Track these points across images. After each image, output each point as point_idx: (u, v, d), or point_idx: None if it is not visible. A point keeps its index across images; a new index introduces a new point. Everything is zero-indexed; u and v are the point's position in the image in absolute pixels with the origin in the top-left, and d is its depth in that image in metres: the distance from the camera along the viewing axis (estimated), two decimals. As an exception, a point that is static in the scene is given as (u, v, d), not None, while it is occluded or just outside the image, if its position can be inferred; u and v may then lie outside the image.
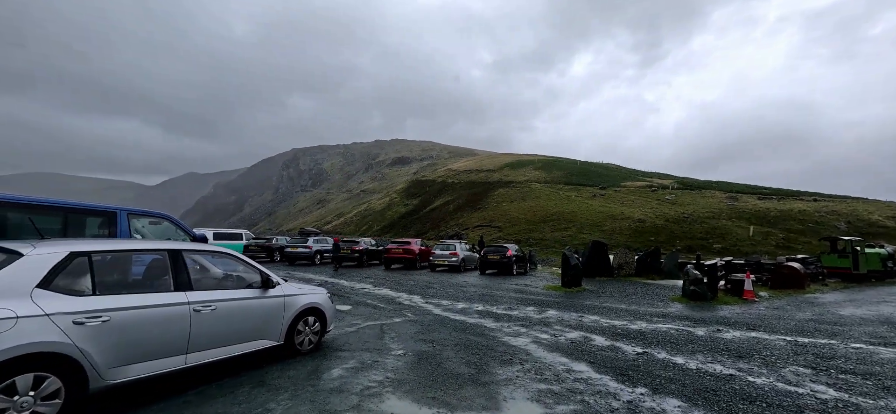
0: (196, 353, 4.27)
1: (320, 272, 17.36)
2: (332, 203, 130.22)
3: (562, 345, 6.35)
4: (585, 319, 8.48)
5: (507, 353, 5.82)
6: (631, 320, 8.34)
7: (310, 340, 5.62)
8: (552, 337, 6.86)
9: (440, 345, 6.16)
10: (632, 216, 49.31)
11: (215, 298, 4.48)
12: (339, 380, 4.55)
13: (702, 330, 7.59)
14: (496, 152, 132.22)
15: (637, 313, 9.18)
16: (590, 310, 9.53)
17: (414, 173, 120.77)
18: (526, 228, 51.25)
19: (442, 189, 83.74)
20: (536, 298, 11.11)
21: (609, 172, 77.24)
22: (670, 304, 10.56)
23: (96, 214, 6.06)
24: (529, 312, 9.07)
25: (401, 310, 9.10)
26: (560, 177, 72.98)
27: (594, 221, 50.03)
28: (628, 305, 10.24)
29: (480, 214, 61.16)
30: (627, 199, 58.16)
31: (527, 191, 66.91)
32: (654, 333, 7.28)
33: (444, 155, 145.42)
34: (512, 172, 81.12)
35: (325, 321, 5.85)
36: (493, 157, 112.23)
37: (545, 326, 7.66)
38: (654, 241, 41.54)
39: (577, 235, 46.46)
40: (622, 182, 66.56)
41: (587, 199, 59.92)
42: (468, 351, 5.85)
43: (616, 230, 46.14)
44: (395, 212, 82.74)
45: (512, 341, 6.51)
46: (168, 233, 6.99)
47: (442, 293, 11.76)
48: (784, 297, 12.23)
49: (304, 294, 5.57)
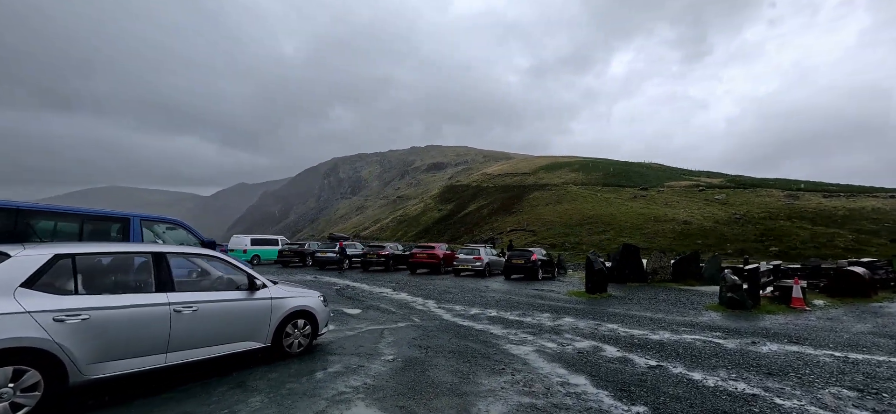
0: (177, 352, 4.36)
1: (343, 275, 17.62)
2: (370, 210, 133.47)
3: (566, 355, 5.90)
4: (602, 327, 7.90)
5: (502, 362, 5.48)
6: (653, 330, 7.66)
7: (300, 343, 5.60)
8: (559, 346, 6.42)
9: (434, 351, 5.93)
10: (676, 218, 46.45)
11: (197, 299, 4.55)
12: (315, 384, 4.47)
13: (733, 342, 6.80)
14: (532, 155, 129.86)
15: (662, 322, 8.43)
16: (610, 318, 8.89)
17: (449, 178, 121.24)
18: (561, 231, 49.72)
19: (476, 193, 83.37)
20: (555, 305, 10.55)
21: (651, 172, 73.39)
22: (704, 312, 9.63)
23: (112, 220, 6.42)
24: (543, 319, 8.61)
25: (410, 314, 8.96)
26: (598, 178, 70.34)
27: (634, 223, 47.63)
28: (654, 314, 9.46)
29: (514, 218, 60.14)
30: (671, 199, 54.91)
31: (563, 193, 65.05)
32: (675, 344, 6.61)
33: (478, 159, 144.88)
34: (547, 175, 79.25)
35: (317, 324, 5.80)
36: (528, 159, 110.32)
37: (555, 335, 7.20)
38: (702, 244, 38.84)
39: (615, 238, 44.39)
40: (666, 182, 62.99)
41: (627, 200, 57.22)
42: (461, 359, 5.57)
43: (658, 233, 43.64)
44: (430, 217, 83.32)
45: (513, 349, 6.14)
46: (180, 238, 7.29)
47: (459, 298, 11.49)
48: (842, 306, 10.81)
49: (293, 297, 5.56)
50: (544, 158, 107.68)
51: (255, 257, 24.84)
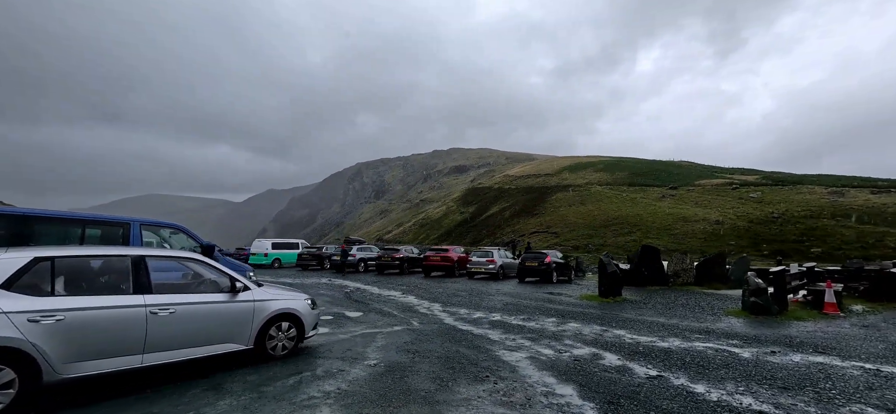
0: (153, 353, 4.40)
1: (355, 278, 17.67)
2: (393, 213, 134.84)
3: (561, 362, 5.59)
4: (608, 333, 7.49)
5: (489, 369, 5.24)
6: (663, 337, 7.18)
7: (284, 346, 5.57)
8: (556, 353, 6.10)
9: (422, 356, 5.75)
10: (707, 218, 44.37)
11: (174, 301, 4.59)
12: (288, 388, 4.40)
13: (749, 351, 6.26)
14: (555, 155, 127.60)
15: (674, 329, 7.91)
16: (619, 323, 8.44)
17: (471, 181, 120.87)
18: (585, 233, 48.47)
19: (498, 195, 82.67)
20: (564, 309, 10.15)
21: (681, 171, 70.49)
22: (723, 318, 8.98)
23: (112, 226, 6.63)
24: (547, 324, 8.27)
25: (411, 318, 8.82)
26: (624, 178, 68.25)
27: (662, 224, 45.84)
28: (668, 319, 8.91)
29: (537, 220, 59.17)
30: (702, 198, 52.53)
31: (586, 194, 63.50)
32: (684, 352, 6.15)
33: (501, 161, 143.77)
34: (571, 175, 77.63)
35: (303, 327, 5.76)
36: (551, 160, 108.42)
37: (555, 340, 6.88)
38: (735, 245, 36.90)
39: (642, 239, 42.81)
40: (696, 180, 60.33)
41: (654, 200, 55.19)
42: (446, 364, 5.37)
43: (688, 234, 41.81)
44: (452, 220, 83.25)
45: (505, 355, 5.89)
46: (182, 242, 7.45)
47: (465, 302, 11.26)
48: (883, 312, 9.83)
49: (277, 299, 5.54)
50: (568, 159, 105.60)
51: (276, 261, 25.46)
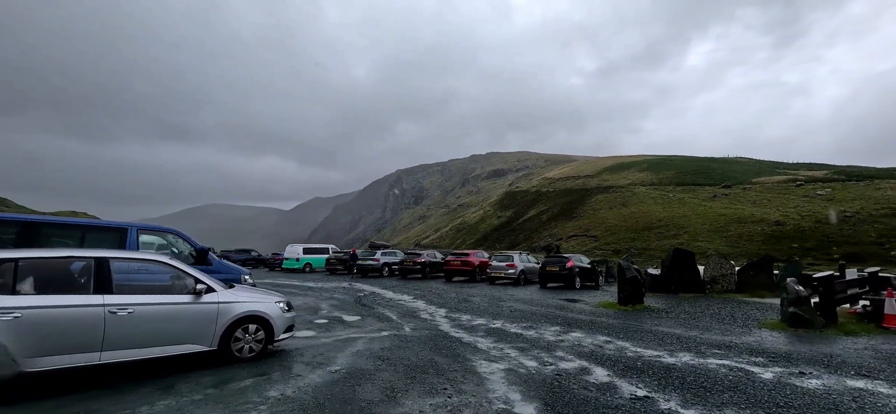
0: (111, 351, 4.52)
1: (378, 282, 17.69)
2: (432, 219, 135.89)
3: (538, 377, 5.06)
4: (611, 345, 6.77)
5: (453, 380, 4.84)
6: (672, 351, 6.36)
7: (251, 348, 5.52)
8: (539, 365, 5.56)
9: (389, 364, 5.46)
10: (766, 218, 40.50)
11: (134, 301, 4.68)
12: (234, 391, 4.33)
13: (772, 371, 5.34)
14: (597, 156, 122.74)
15: (691, 342, 7.01)
16: (628, 334, 7.63)
17: (509, 184, 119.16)
18: (626, 236, 45.96)
19: (536, 199, 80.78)
20: (575, 317, 9.41)
21: (736, 168, 64.99)
22: (755, 331, 7.84)
23: (110, 231, 6.96)
24: (548, 333, 7.66)
25: (406, 323, 8.54)
26: (670, 177, 64.11)
27: (713, 226, 42.44)
28: (687, 330, 7.94)
29: (575, 223, 57.04)
30: (761, 197, 48.10)
31: (628, 195, 60.34)
32: (690, 370, 5.36)
33: (540, 164, 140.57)
34: (612, 176, 74.16)
35: (272, 330, 5.67)
36: (591, 161, 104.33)
37: (546, 351, 6.31)
38: (798, 248, 33.31)
39: (689, 242, 39.87)
40: (754, 178, 55.36)
41: (705, 200, 51.29)
42: (409, 374, 5.03)
43: (743, 236, 38.38)
44: (489, 224, 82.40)
45: (480, 367, 5.44)
46: (178, 245, 7.71)
47: (473, 308, 10.81)
48: (969, 327, 8.16)
49: (243, 302, 5.50)
50: (609, 159, 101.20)
51: (307, 265, 26.29)
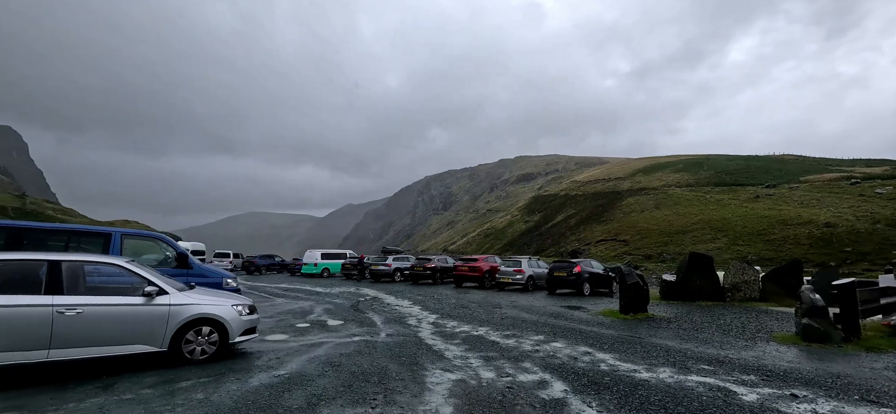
0: (59, 349, 4.67)
1: (386, 287, 17.63)
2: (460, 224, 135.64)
3: (486, 390, 4.71)
4: (588, 357, 6.25)
5: (393, 389, 4.59)
6: (654, 365, 5.77)
7: (203, 350, 5.53)
8: (495, 377, 5.20)
9: (339, 370, 5.29)
10: (815, 220, 37.31)
11: (83, 302, 4.81)
12: (162, 393, 4.32)
13: (759, 393, 4.67)
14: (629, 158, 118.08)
15: (682, 356, 6.36)
16: (614, 345, 7.05)
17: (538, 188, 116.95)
18: (658, 241, 43.79)
19: (564, 203, 78.77)
20: (566, 326, 8.85)
21: (782, 166, 60.41)
22: (760, 344, 6.99)
23: (94, 236, 7.26)
24: (527, 342, 7.22)
25: (385, 329, 8.35)
26: (708, 178, 60.56)
27: (755, 228, 39.65)
28: (683, 343, 7.22)
29: (604, 227, 55.05)
30: (809, 197, 44.41)
31: (662, 197, 57.57)
32: (660, 389, 4.78)
33: (570, 167, 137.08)
34: (645, 178, 71.06)
35: (227, 332, 5.66)
36: (623, 163, 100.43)
37: (513, 362, 5.91)
38: (852, 252, 30.40)
39: (729, 246, 37.43)
40: (802, 177, 51.21)
41: (746, 201, 48.02)
42: (350, 381, 4.82)
43: (788, 239, 35.57)
44: (516, 229, 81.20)
45: (431, 376, 5.16)
46: (162, 250, 7.95)
47: (466, 314, 10.45)
48: None
49: (196, 305, 5.52)
50: (642, 160, 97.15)
51: (325, 270, 26.79)
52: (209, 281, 7.92)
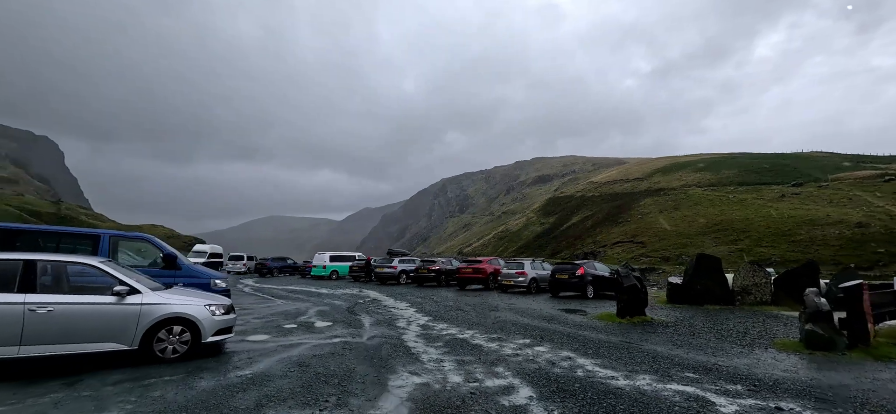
0: (30, 346, 4.79)
1: (390, 290, 17.58)
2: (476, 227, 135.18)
3: (446, 394, 4.55)
4: (567, 362, 5.98)
5: (348, 392, 4.49)
6: (634, 373, 5.45)
7: (175, 349, 5.57)
8: (463, 381, 5.03)
9: (305, 370, 5.24)
10: (846, 219, 35.49)
11: (54, 301, 4.94)
12: (121, 392, 4.36)
13: (739, 405, 4.29)
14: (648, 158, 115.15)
15: (668, 363, 6.01)
16: (599, 351, 6.74)
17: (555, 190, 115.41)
18: (677, 242, 42.49)
19: (581, 204, 77.44)
20: (557, 329, 8.56)
21: (811, 164, 57.73)
22: (757, 352, 6.51)
23: (84, 238, 7.46)
24: (509, 346, 6.99)
25: (371, 331, 8.26)
26: (731, 177, 58.43)
27: (779, 229, 38.02)
28: (673, 349, 6.83)
29: (621, 229, 53.85)
30: (839, 195, 42.29)
31: (681, 198, 55.91)
32: (632, 398, 4.48)
33: (587, 168, 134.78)
34: (664, 178, 69.14)
35: (199, 332, 5.69)
36: (642, 163, 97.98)
37: (487, 366, 5.73)
38: (885, 253, 28.70)
39: (752, 248, 35.97)
40: (832, 174, 48.80)
41: (771, 200, 46.11)
42: (310, 382, 4.74)
43: (816, 240, 33.93)
44: (531, 232, 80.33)
45: (396, 379, 5.03)
46: (150, 251, 8.10)
47: (458, 317, 10.25)
48: None
49: (167, 304, 5.57)
50: (661, 159, 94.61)
51: (334, 273, 27.04)
52: (197, 281, 8.03)
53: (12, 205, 68.18)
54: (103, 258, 5.93)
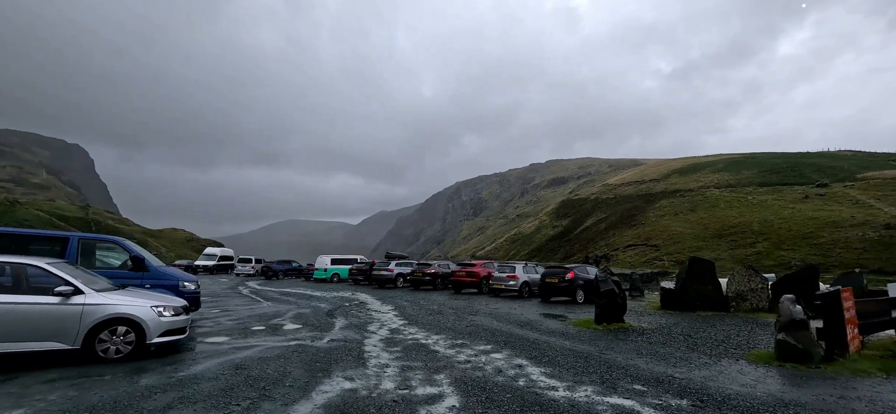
0: None
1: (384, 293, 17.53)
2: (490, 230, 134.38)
3: (371, 399, 4.43)
4: (513, 370, 5.75)
5: (267, 396, 4.40)
6: (577, 384, 5.16)
7: (118, 350, 5.62)
8: (395, 387, 4.89)
9: (241, 373, 5.19)
10: (872, 221, 33.73)
11: None
12: (41, 390, 4.36)
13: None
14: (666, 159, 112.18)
15: (622, 373, 5.69)
16: (555, 359, 6.45)
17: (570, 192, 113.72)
18: (692, 245, 41.16)
19: (595, 206, 76.03)
20: (527, 335, 8.26)
21: (838, 162, 55.06)
22: (725, 363, 6.04)
23: (53, 241, 7.65)
24: (468, 352, 6.77)
25: (335, 334, 8.18)
26: (751, 177, 56.32)
27: (800, 231, 36.42)
28: (633, 358, 6.45)
29: (634, 232, 52.59)
30: (867, 196, 40.17)
31: (698, 199, 54.23)
32: (563, 410, 4.21)
33: (603, 170, 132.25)
34: (681, 179, 67.19)
35: (144, 333, 5.72)
36: (659, 164, 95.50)
37: (430, 372, 5.56)
38: (914, 257, 27.02)
39: (771, 251, 34.61)
40: (860, 174, 46.42)
41: (793, 202, 44.20)
42: (236, 385, 4.68)
43: (838, 243, 32.34)
44: (544, 235, 79.31)
45: (325, 385, 4.92)
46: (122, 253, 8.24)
47: (433, 322, 9.99)
48: None
49: (113, 305, 5.63)
50: (679, 160, 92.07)
51: (335, 275, 27.23)
52: (165, 283, 8.12)
53: (43, 210, 71.53)
54: (53, 260, 6.02)
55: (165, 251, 69.98)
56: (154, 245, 74.86)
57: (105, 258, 8.18)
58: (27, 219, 58.45)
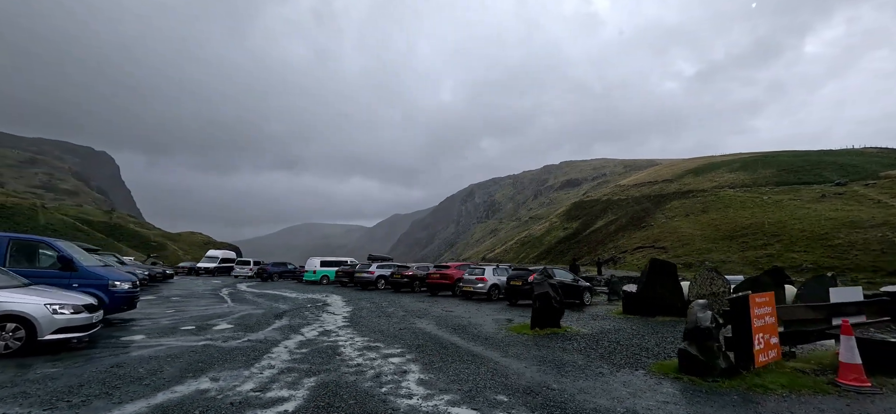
0: None
1: (361, 295, 17.51)
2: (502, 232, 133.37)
3: (220, 398, 4.32)
4: (397, 378, 5.57)
5: (105, 393, 4.35)
6: (445, 392, 4.92)
7: (7, 346, 5.75)
8: (250, 388, 4.77)
9: (108, 371, 5.15)
10: (891, 221, 31.71)
11: None
12: None
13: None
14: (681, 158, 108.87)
15: (501, 385, 5.38)
16: (453, 367, 6.20)
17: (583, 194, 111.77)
18: (702, 247, 39.77)
19: (606, 208, 74.50)
20: (447, 341, 7.93)
21: (860, 160, 52.20)
22: (623, 374, 5.62)
23: (-16, 241, 7.87)
24: (367, 357, 6.54)
25: (253, 336, 8.14)
26: (768, 177, 54.02)
27: (816, 232, 34.65)
28: (529, 367, 6.09)
29: (643, 234, 51.23)
30: (888, 196, 37.88)
31: (711, 200, 52.37)
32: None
33: (617, 171, 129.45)
34: (695, 180, 65.06)
35: (35, 329, 5.82)
36: (673, 164, 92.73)
37: (301, 377, 5.44)
38: (935, 260, 25.28)
39: (783, 253, 33.01)
40: (883, 171, 43.88)
41: (809, 202, 42.13)
42: (81, 383, 4.64)
43: (855, 245, 30.59)
44: (554, 237, 78.19)
45: (184, 384, 4.85)
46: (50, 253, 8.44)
47: (372, 325, 9.67)
48: None
49: (3, 302, 5.73)
50: (693, 160, 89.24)
51: (324, 277, 27.42)
52: (94, 282, 8.27)
53: (70, 215, 75.02)
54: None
55: (182, 254, 72.31)
56: (172, 247, 77.38)
57: (44, 259, 8.40)
58: (51, 223, 61.31)
